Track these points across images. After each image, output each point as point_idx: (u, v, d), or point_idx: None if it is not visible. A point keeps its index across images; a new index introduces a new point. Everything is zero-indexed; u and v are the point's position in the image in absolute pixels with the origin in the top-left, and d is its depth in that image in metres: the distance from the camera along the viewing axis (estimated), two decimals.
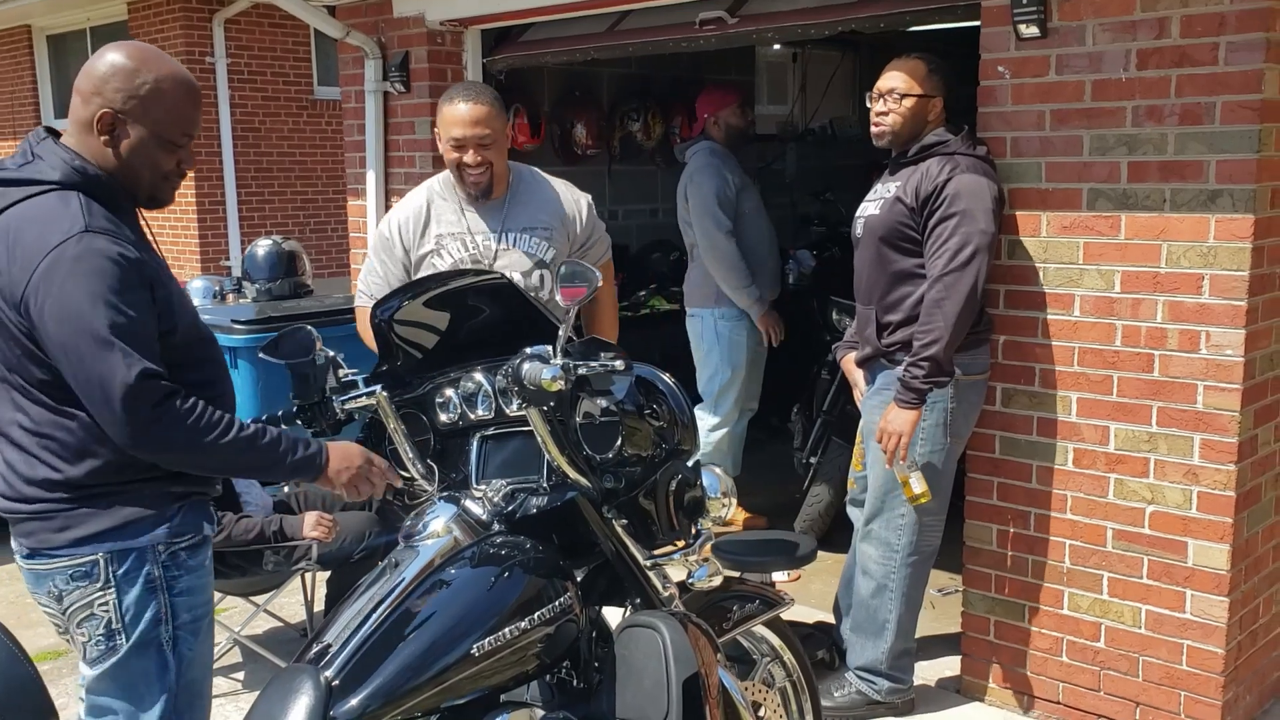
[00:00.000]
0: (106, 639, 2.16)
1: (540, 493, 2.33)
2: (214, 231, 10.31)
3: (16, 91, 11.99)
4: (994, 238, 3.24)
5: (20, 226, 2.05)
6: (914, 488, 3.30)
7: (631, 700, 2.16)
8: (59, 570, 2.14)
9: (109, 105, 2.11)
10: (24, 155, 2.15)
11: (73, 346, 2.00)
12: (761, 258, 5.05)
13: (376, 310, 2.42)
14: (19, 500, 2.14)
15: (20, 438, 2.12)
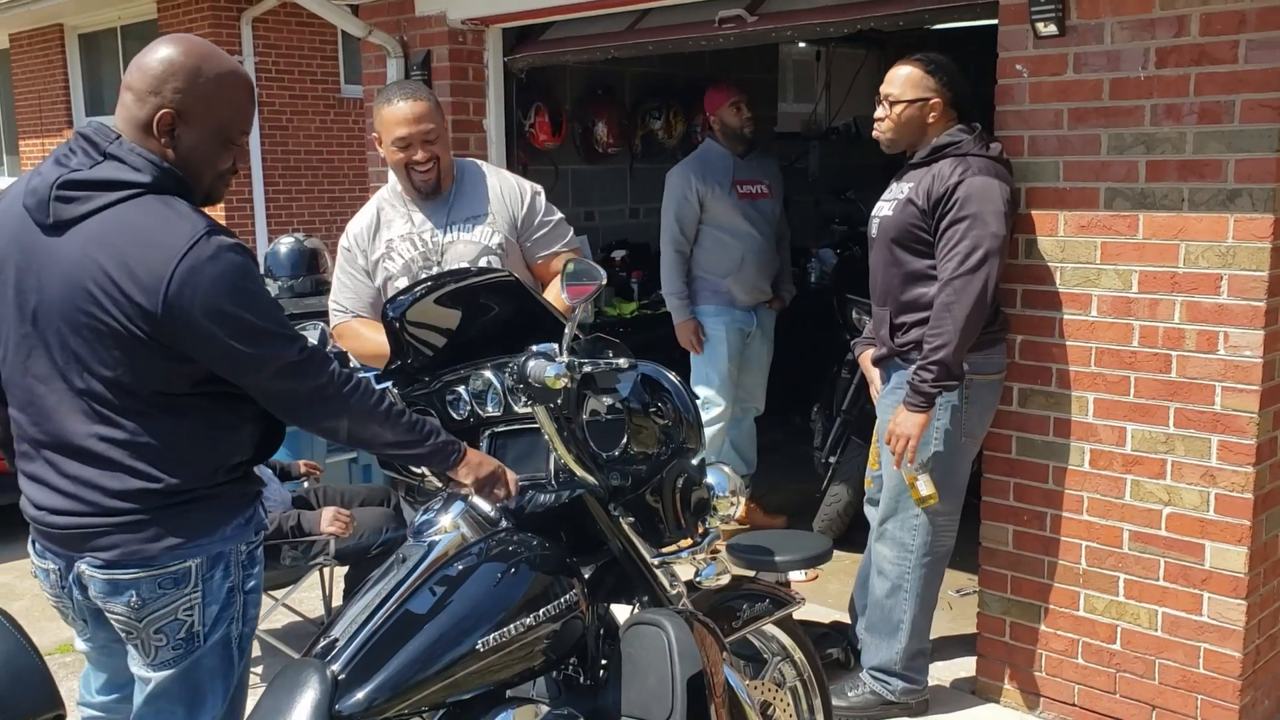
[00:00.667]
0: (186, 642, 2.13)
1: (548, 490, 2.34)
2: (241, 228, 10.38)
3: (49, 89, 12.13)
4: (1005, 240, 3.22)
5: (134, 235, 1.99)
6: (921, 490, 3.30)
7: (636, 697, 2.17)
8: (148, 579, 2.08)
9: (169, 105, 2.05)
10: (87, 155, 2.05)
11: (239, 347, 2.00)
12: (733, 262, 4.96)
13: (388, 308, 2.44)
14: (96, 513, 2.07)
15: (103, 450, 2.06)
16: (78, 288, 2.00)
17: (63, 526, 2.10)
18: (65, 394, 2.06)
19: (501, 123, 5.33)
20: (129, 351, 2.01)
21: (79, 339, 2.02)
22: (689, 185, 4.92)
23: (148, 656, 2.14)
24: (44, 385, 2.08)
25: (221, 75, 2.10)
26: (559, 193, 6.39)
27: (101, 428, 2.05)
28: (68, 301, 2.02)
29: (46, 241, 2.04)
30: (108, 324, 1.99)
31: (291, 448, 4.70)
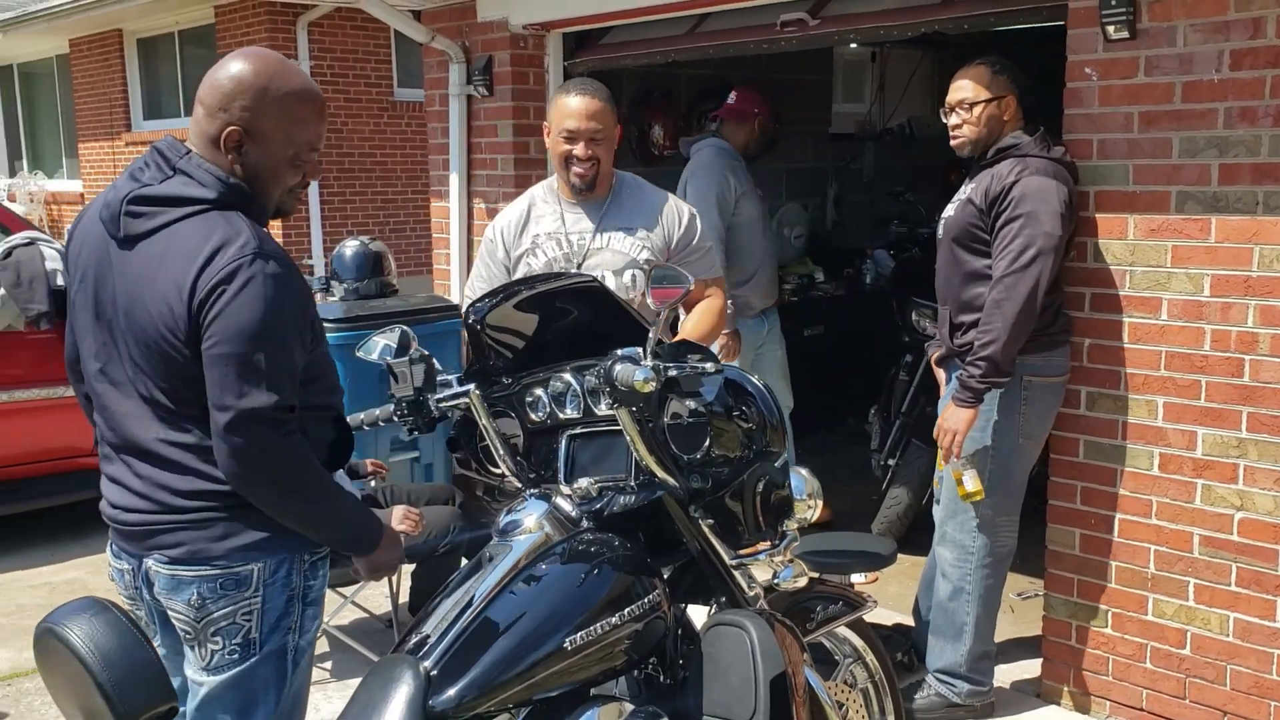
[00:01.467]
0: (242, 648, 2.14)
1: (628, 491, 2.37)
2: (297, 231, 10.53)
3: (108, 94, 12.36)
4: (1060, 240, 3.23)
5: (187, 248, 2.01)
6: (967, 485, 3.35)
7: (718, 698, 2.20)
8: (210, 579, 2.11)
9: (235, 123, 2.07)
10: (159, 169, 2.09)
11: (221, 363, 1.99)
12: (748, 273, 4.89)
13: (470, 312, 2.48)
14: (165, 511, 2.11)
15: (171, 453, 2.10)
16: (139, 302, 2.06)
17: (133, 524, 2.15)
18: (136, 400, 2.12)
19: None
20: (174, 366, 2.05)
21: (140, 350, 2.08)
22: (728, 185, 4.77)
23: (203, 660, 2.16)
24: (118, 391, 2.14)
25: (289, 94, 2.10)
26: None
27: (169, 433, 2.09)
28: (131, 314, 2.07)
29: (119, 255, 2.10)
30: (158, 340, 2.05)
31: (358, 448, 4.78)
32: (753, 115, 5.01)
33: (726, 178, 4.81)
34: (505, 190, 5.33)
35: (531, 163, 5.33)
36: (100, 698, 1.65)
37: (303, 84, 2.15)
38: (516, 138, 5.27)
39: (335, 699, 3.70)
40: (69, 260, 2.23)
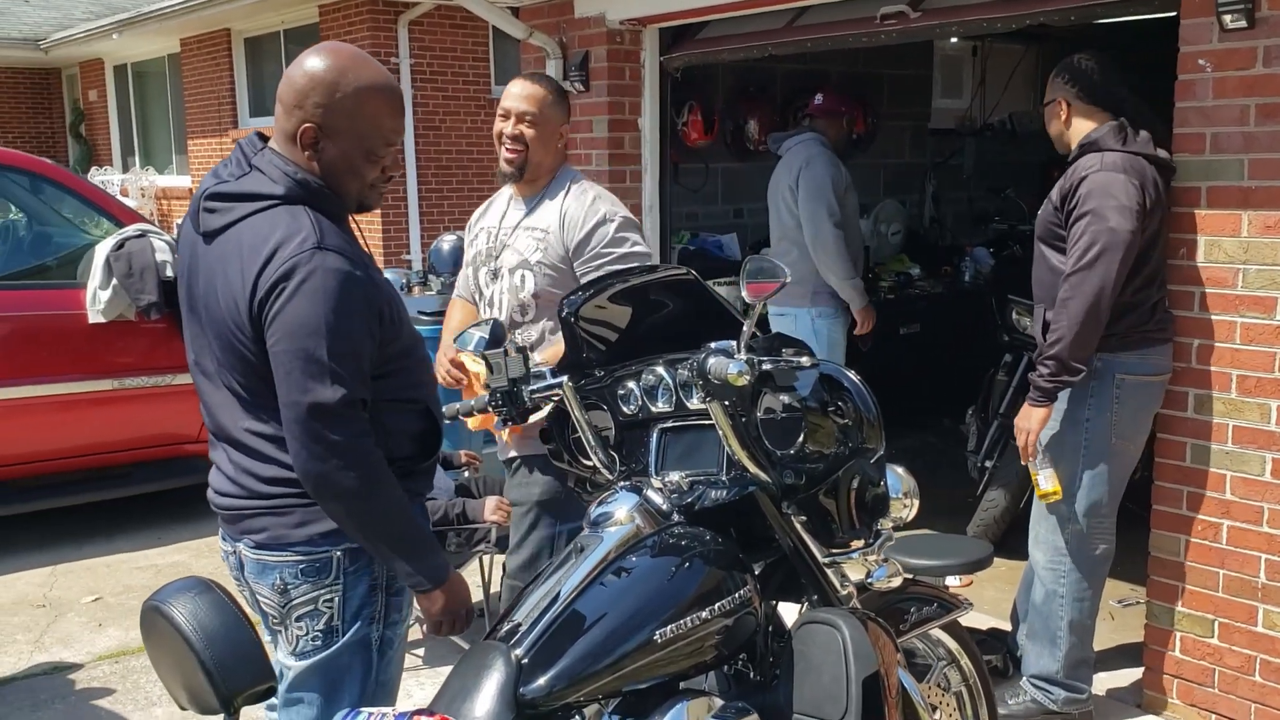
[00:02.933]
0: (325, 635, 2.17)
1: (719, 485, 2.36)
2: (396, 226, 10.71)
3: (216, 91, 12.72)
4: (1132, 235, 3.15)
5: (252, 243, 2.04)
6: (1043, 484, 3.32)
7: (810, 696, 2.17)
8: (290, 564, 2.14)
9: (310, 120, 2.08)
10: (239, 165, 2.13)
11: (285, 359, 2.00)
12: (854, 261, 5.00)
13: (564, 304, 2.49)
14: (251, 496, 2.15)
15: (254, 442, 2.13)
16: (213, 295, 2.10)
17: (227, 508, 2.20)
18: (223, 390, 2.16)
19: (656, 121, 5.37)
20: (244, 360, 2.08)
21: (218, 343, 2.12)
22: (841, 176, 4.87)
23: (290, 645, 2.19)
24: (209, 382, 2.19)
25: (363, 89, 2.09)
26: (709, 190, 6.43)
27: (250, 422, 2.12)
28: (209, 308, 2.12)
29: (203, 249, 2.14)
30: (229, 334, 2.08)
31: (451, 438, 4.84)
32: (841, 114, 5.08)
33: (839, 167, 4.90)
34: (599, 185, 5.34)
35: (626, 158, 5.34)
36: (202, 675, 1.69)
37: (375, 78, 2.13)
38: (611, 133, 5.28)
39: (427, 685, 3.76)
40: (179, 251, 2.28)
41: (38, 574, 4.96)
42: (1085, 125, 3.34)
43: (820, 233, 4.80)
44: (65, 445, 5.26)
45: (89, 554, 5.17)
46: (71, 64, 17.86)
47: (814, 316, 4.95)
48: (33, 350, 5.16)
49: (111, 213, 5.61)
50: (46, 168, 5.74)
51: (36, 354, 5.17)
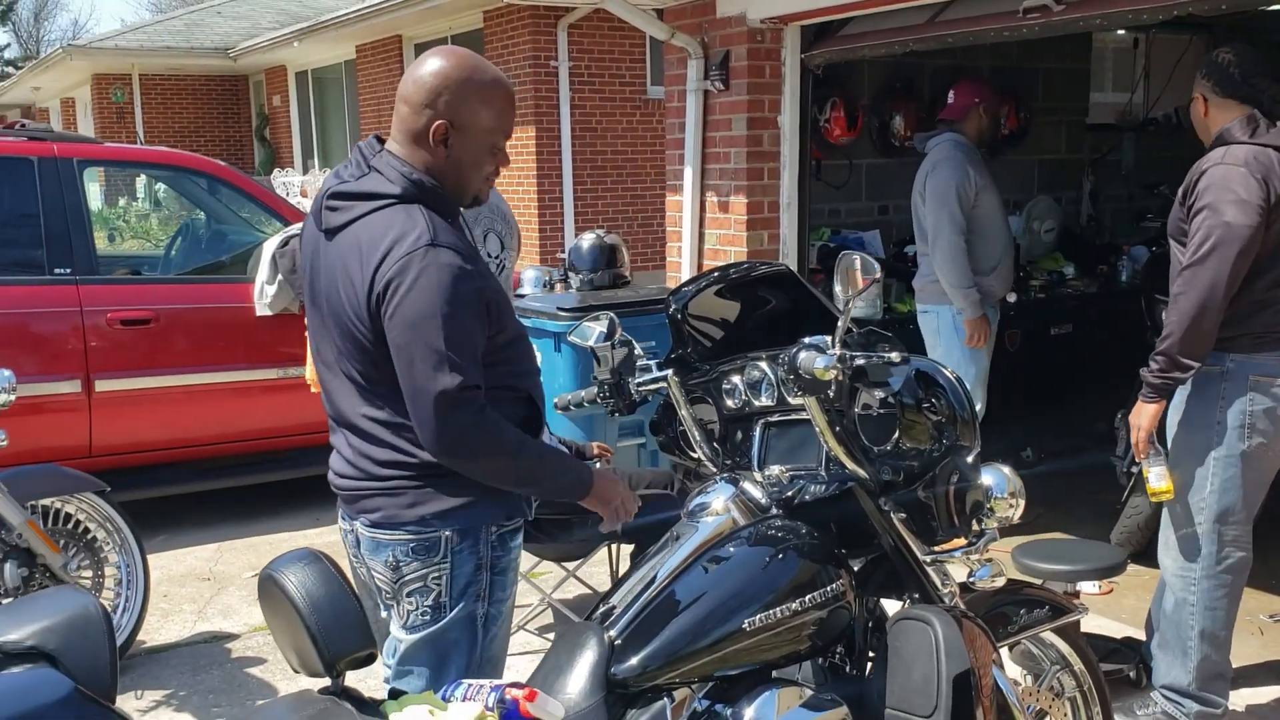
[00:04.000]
0: (433, 610, 2.28)
1: (818, 480, 2.39)
2: (551, 226, 10.98)
3: (389, 96, 13.27)
4: (1252, 230, 3.04)
5: (370, 240, 2.14)
6: (1153, 482, 3.24)
7: (900, 691, 2.18)
8: (402, 543, 2.25)
9: (443, 117, 2.18)
10: (358, 166, 2.24)
11: (407, 351, 2.11)
12: (992, 261, 4.88)
13: (671, 300, 2.56)
14: (366, 478, 2.27)
15: (369, 427, 2.25)
16: (334, 289, 2.22)
17: (345, 489, 2.34)
18: (342, 378, 2.29)
19: (796, 119, 5.39)
20: (363, 349, 2.20)
21: (339, 332, 2.24)
22: (969, 179, 4.77)
23: (401, 619, 2.31)
24: (329, 370, 2.33)
25: (487, 85, 2.22)
26: (853, 187, 6.39)
27: (367, 408, 2.25)
28: (330, 300, 2.25)
29: (324, 245, 2.27)
30: (348, 324, 2.20)
31: (585, 430, 4.97)
32: (974, 105, 4.94)
33: (967, 171, 4.80)
34: (737, 184, 5.39)
35: (764, 155, 5.37)
36: (308, 639, 1.82)
37: (496, 76, 2.26)
38: (750, 130, 5.32)
39: None
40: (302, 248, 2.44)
41: (205, 550, 5.32)
42: (1221, 119, 3.23)
43: (939, 238, 4.78)
44: (233, 430, 5.60)
45: (252, 533, 5.50)
46: (258, 71, 18.91)
47: (955, 314, 4.88)
48: (207, 340, 5.53)
49: (279, 212, 5.95)
50: (222, 170, 6.13)
51: (210, 344, 5.53)
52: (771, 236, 5.47)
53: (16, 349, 4.88)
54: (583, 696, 2.01)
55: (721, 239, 5.55)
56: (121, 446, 5.29)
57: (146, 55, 17.83)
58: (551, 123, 11.01)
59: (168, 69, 18.65)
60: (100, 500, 4.11)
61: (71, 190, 5.27)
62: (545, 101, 10.93)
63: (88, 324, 5.19)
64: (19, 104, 25.84)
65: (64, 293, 5.17)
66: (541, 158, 10.99)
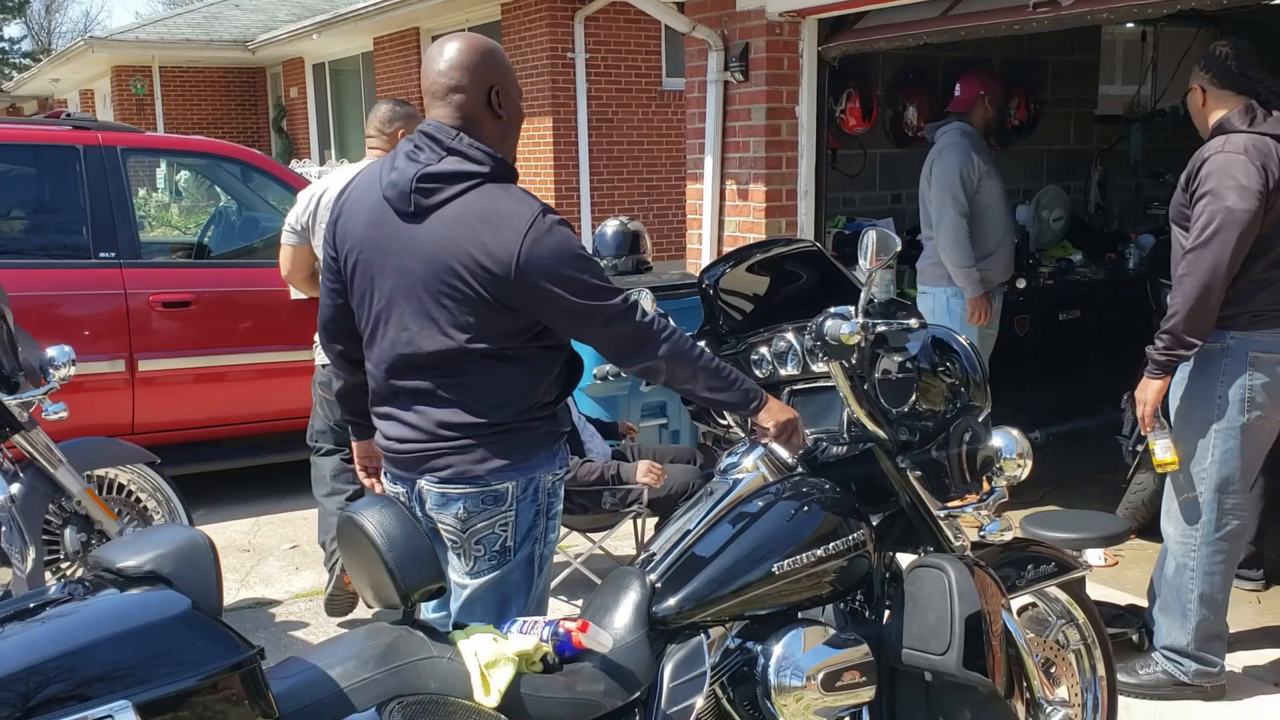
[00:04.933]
0: (499, 555, 2.47)
1: (840, 442, 2.58)
2: (569, 215, 11.15)
3: (405, 87, 13.46)
4: (1251, 215, 3.22)
5: (483, 214, 2.32)
6: (1159, 454, 3.44)
7: (917, 632, 2.38)
8: (473, 495, 2.43)
9: (492, 83, 2.40)
10: (433, 151, 2.37)
11: (569, 296, 2.31)
12: (990, 247, 5.06)
13: (704, 277, 2.75)
14: (435, 440, 2.44)
15: (445, 393, 2.42)
16: (440, 264, 2.36)
17: (408, 452, 2.50)
18: (414, 349, 2.44)
19: (813, 109, 5.56)
20: (480, 314, 2.37)
21: (439, 306, 2.39)
22: (972, 164, 4.96)
23: (467, 566, 2.49)
24: (401, 347, 2.46)
25: (496, 48, 2.50)
26: (867, 176, 6.57)
27: (444, 378, 2.43)
28: (431, 276, 2.38)
29: (407, 228, 2.38)
30: (465, 292, 2.35)
31: (610, 410, 5.17)
32: (979, 96, 5.14)
33: (971, 157, 4.99)
34: (756, 172, 5.58)
35: (782, 144, 5.55)
36: (385, 573, 2.01)
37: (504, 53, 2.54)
38: (769, 120, 5.50)
39: None
40: (333, 232, 2.56)
41: (244, 523, 5.53)
42: (1219, 109, 3.41)
43: (943, 219, 4.97)
44: (267, 409, 5.80)
45: (289, 507, 5.70)
46: (275, 63, 19.10)
47: (949, 296, 5.09)
48: (243, 322, 5.73)
49: None
50: (255, 157, 6.33)
51: (246, 326, 5.73)
52: (789, 224, 5.64)
53: (64, 329, 5.09)
54: (627, 631, 2.22)
55: (740, 226, 5.74)
56: (163, 424, 5.50)
57: (166, 47, 18.05)
58: (569, 114, 11.18)
59: (187, 61, 18.87)
60: (151, 471, 4.32)
61: (115, 177, 5.47)
62: (562, 93, 11.10)
63: (131, 306, 5.40)
64: (36, 95, 26.10)
65: (109, 276, 5.38)
66: (559, 148, 11.17)
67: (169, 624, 1.66)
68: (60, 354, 3.77)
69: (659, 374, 2.43)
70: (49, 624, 1.68)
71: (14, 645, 1.62)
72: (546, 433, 2.50)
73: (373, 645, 1.98)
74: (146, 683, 1.58)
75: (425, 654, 1.99)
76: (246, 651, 1.69)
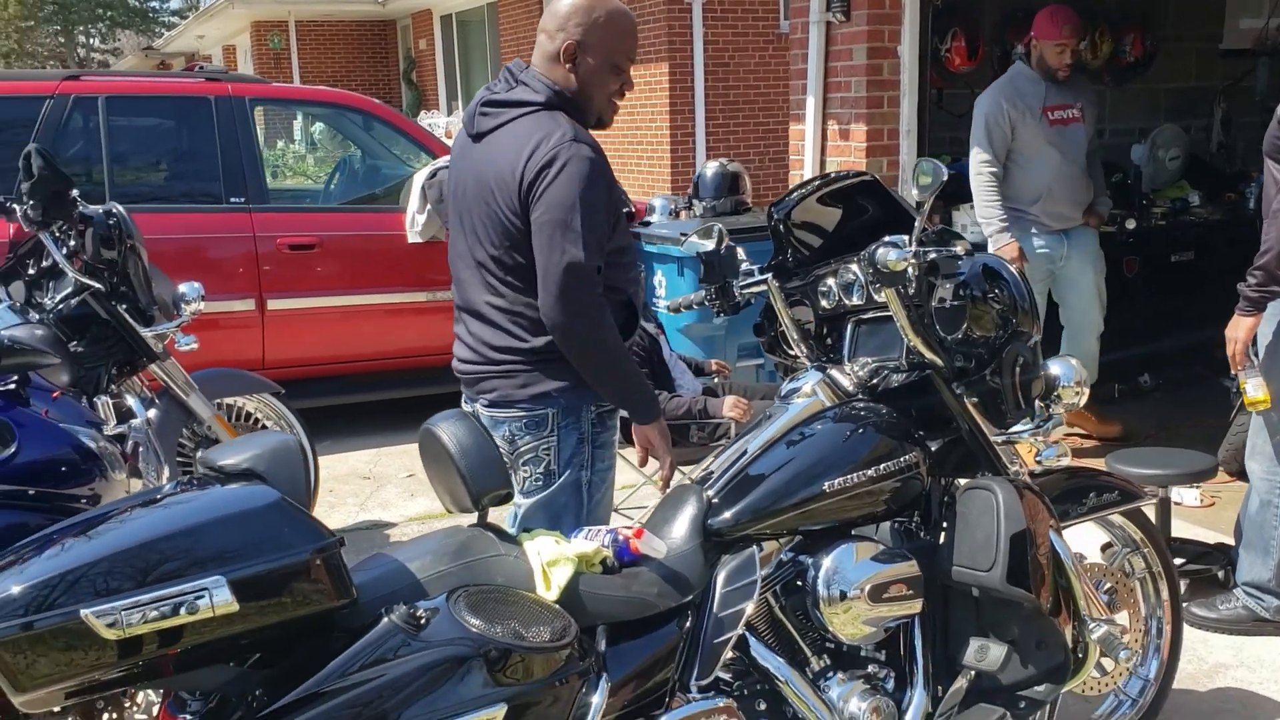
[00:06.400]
0: (544, 477, 2.65)
1: (899, 370, 2.68)
2: (684, 161, 11.24)
3: (527, 39, 13.67)
4: None
5: (521, 137, 2.51)
6: (1250, 392, 3.43)
7: (965, 549, 2.48)
8: (516, 419, 2.62)
9: (572, 38, 2.56)
10: (507, 82, 2.62)
11: (548, 227, 2.45)
12: (1036, 192, 5.02)
13: (773, 210, 2.86)
14: (485, 363, 2.65)
15: (491, 314, 2.62)
16: (484, 183, 2.57)
17: (466, 372, 2.73)
18: (472, 268, 2.66)
19: (915, 48, 5.55)
20: (509, 235, 2.55)
21: (480, 224, 2.61)
22: (1000, 110, 4.93)
23: (519, 486, 2.67)
24: (462, 262, 2.70)
25: (611, 13, 2.60)
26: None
27: (490, 296, 2.63)
28: (477, 194, 2.59)
29: (472, 148, 2.64)
30: (494, 209, 2.56)
31: (707, 349, 5.32)
32: (1030, 39, 5.08)
33: (1000, 102, 4.97)
34: (857, 111, 5.60)
35: (884, 84, 5.55)
36: (459, 480, 2.21)
37: (620, 6, 2.63)
38: (870, 60, 5.51)
39: None
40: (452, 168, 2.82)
41: (365, 454, 5.88)
42: None
43: (972, 164, 5.00)
44: (388, 347, 6.13)
45: (406, 440, 6.01)
46: (405, 15, 19.55)
47: None
48: (363, 265, 6.05)
49: (428, 146, 6.41)
50: (376, 107, 6.62)
51: (366, 268, 6.05)
52: (890, 163, 5.66)
53: (199, 270, 5.45)
54: (683, 541, 2.37)
55: (842, 165, 5.77)
56: (290, 360, 5.87)
57: (302, 2, 18.65)
58: (685, 59, 11.23)
59: (321, 14, 19.46)
60: (276, 401, 4.65)
61: (244, 126, 5.82)
62: (679, 38, 11.15)
63: (260, 249, 5.75)
64: (184, 52, 27.23)
65: (239, 220, 5.74)
66: (674, 93, 11.23)
67: (260, 512, 1.88)
68: (191, 290, 4.08)
69: (572, 352, 2.53)
70: (161, 511, 1.92)
71: (131, 528, 1.86)
72: None
73: (448, 543, 2.18)
74: (239, 562, 1.80)
75: (494, 552, 2.18)
76: (328, 539, 1.91)
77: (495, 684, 1.93)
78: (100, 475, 2.82)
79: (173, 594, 1.74)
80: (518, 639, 1.97)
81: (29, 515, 2.52)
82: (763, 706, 2.41)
